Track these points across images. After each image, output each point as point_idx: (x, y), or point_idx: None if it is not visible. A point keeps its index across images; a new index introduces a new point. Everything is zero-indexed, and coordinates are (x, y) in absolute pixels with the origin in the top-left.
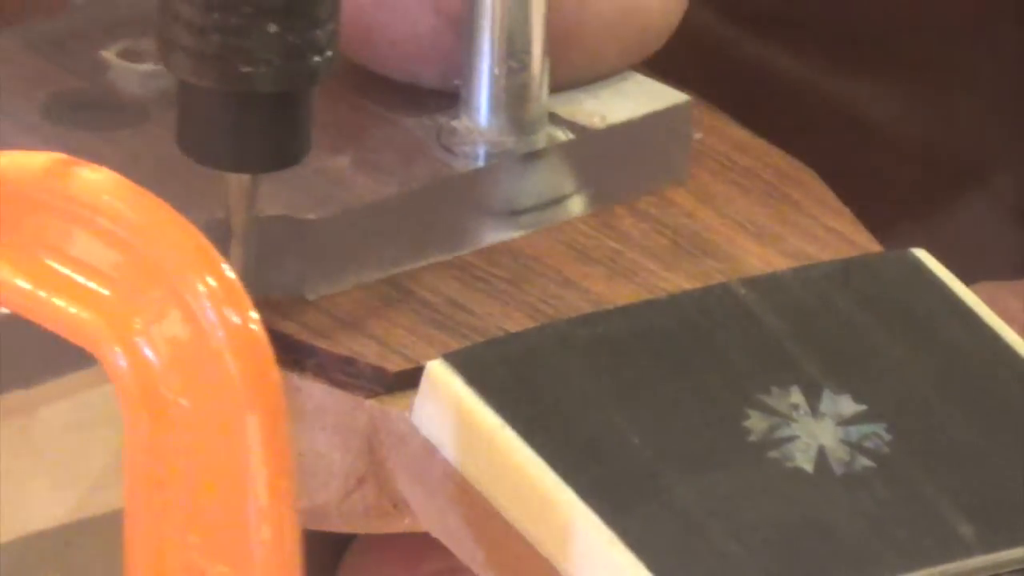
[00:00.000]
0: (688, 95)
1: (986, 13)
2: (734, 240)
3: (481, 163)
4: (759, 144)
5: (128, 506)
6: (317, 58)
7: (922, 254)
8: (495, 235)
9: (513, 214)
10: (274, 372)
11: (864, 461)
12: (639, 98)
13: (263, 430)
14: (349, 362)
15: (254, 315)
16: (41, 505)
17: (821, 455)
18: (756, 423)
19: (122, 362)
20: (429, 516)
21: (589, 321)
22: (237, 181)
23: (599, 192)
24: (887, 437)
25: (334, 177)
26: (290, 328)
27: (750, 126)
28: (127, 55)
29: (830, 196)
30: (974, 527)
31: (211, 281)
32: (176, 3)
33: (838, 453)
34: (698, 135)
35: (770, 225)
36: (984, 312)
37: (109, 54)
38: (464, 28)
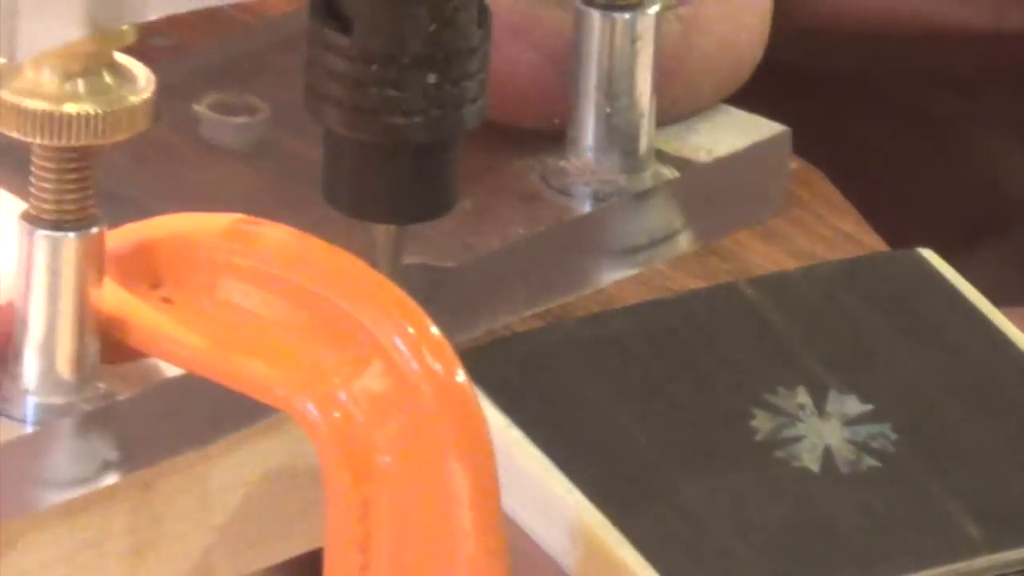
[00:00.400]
0: (784, 126)
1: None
2: (740, 240)
3: (597, 203)
4: None
5: (328, 564)
6: (469, 108)
7: (928, 254)
8: (611, 275)
9: (627, 253)
10: (481, 423)
11: (870, 461)
12: (738, 131)
13: (471, 485)
14: None
15: (459, 366)
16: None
17: (827, 455)
18: (762, 423)
19: (318, 418)
20: None
21: (596, 321)
22: (385, 232)
23: (706, 227)
24: (893, 437)
25: (461, 224)
26: None
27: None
28: (218, 108)
29: (837, 196)
30: (980, 527)
31: (411, 331)
32: (329, 56)
33: (844, 453)
34: (793, 165)
35: (777, 225)
36: (990, 311)
37: (201, 107)
38: (572, 66)
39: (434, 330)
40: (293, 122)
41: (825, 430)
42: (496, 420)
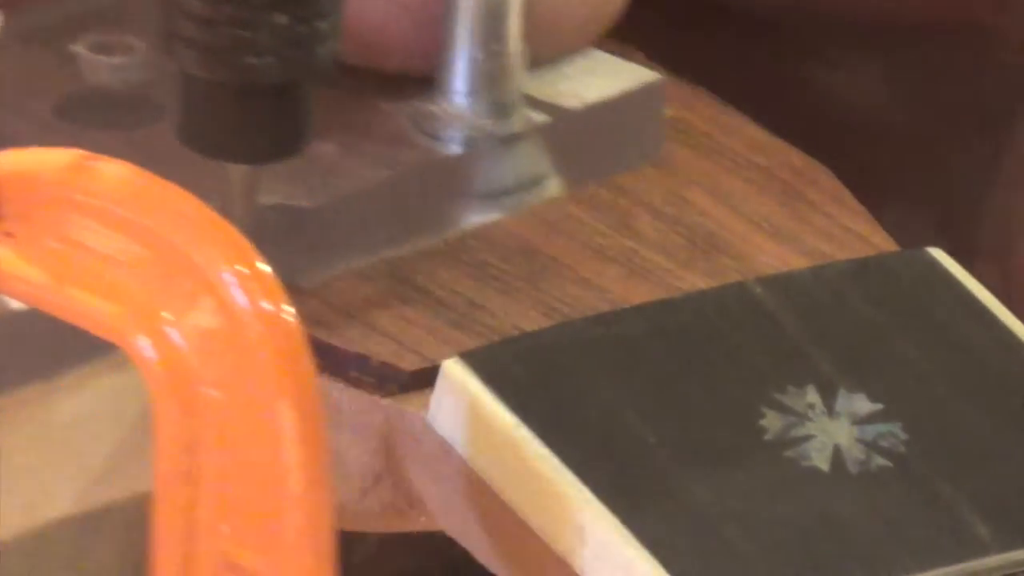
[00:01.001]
0: (658, 75)
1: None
2: (750, 239)
3: (465, 147)
4: (775, 143)
5: (158, 497)
6: (321, 48)
7: (938, 253)
8: (479, 217)
9: (495, 196)
10: (308, 360)
11: (880, 460)
12: (611, 77)
13: (297, 418)
14: (365, 361)
15: (287, 304)
16: (50, 497)
17: (837, 454)
18: (772, 422)
19: (150, 353)
20: (445, 514)
21: (605, 320)
22: (239, 172)
23: (578, 172)
24: (903, 436)
25: (323, 165)
26: (308, 327)
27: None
28: (96, 48)
29: (847, 195)
30: (990, 526)
31: (243, 270)
32: None
33: (854, 452)
34: (669, 112)
35: (786, 224)
36: (999, 311)
37: (79, 48)
38: (444, 13)
39: (264, 268)
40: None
41: (835, 429)
42: (505, 419)
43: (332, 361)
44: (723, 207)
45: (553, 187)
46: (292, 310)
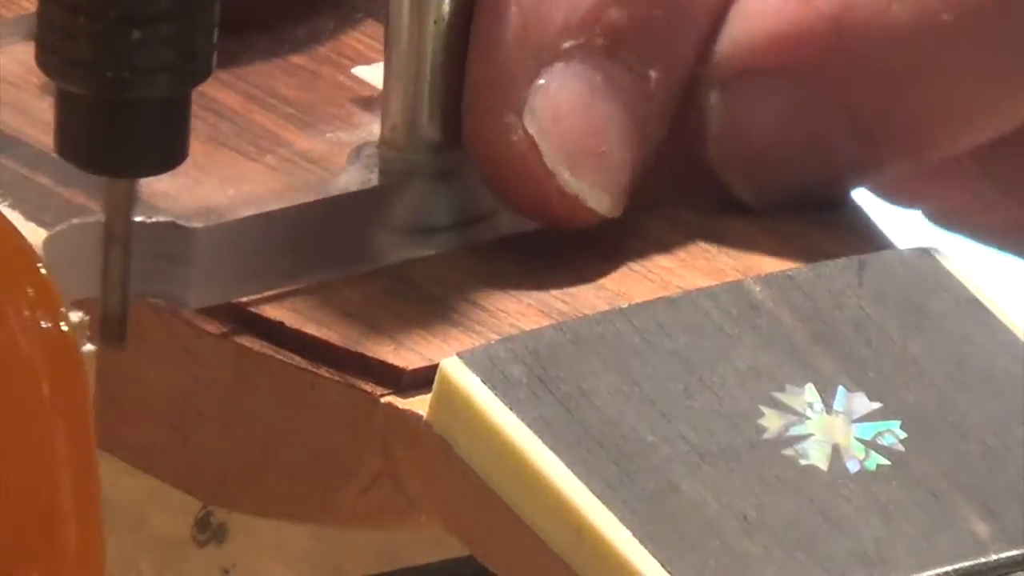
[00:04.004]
0: None
1: None
2: (749, 237)
3: (389, 179)
4: None
5: None
6: (192, 64)
7: (937, 251)
8: (400, 254)
9: (417, 233)
10: (82, 378)
11: (879, 459)
12: None
13: (68, 436)
14: (363, 360)
15: (64, 320)
16: None
17: (835, 453)
18: (771, 421)
19: None
20: (444, 514)
21: (604, 319)
22: (113, 185)
23: (510, 216)
24: (902, 435)
25: (239, 185)
26: (306, 325)
27: None
28: None
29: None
30: (989, 525)
31: (27, 289)
32: (48, 7)
33: (853, 451)
34: None
35: (786, 222)
36: (999, 310)
37: None
38: (384, 40)
39: (46, 280)
40: None
41: (833, 428)
42: (504, 418)
43: (330, 360)
44: (720, 204)
45: (486, 231)
46: (69, 324)
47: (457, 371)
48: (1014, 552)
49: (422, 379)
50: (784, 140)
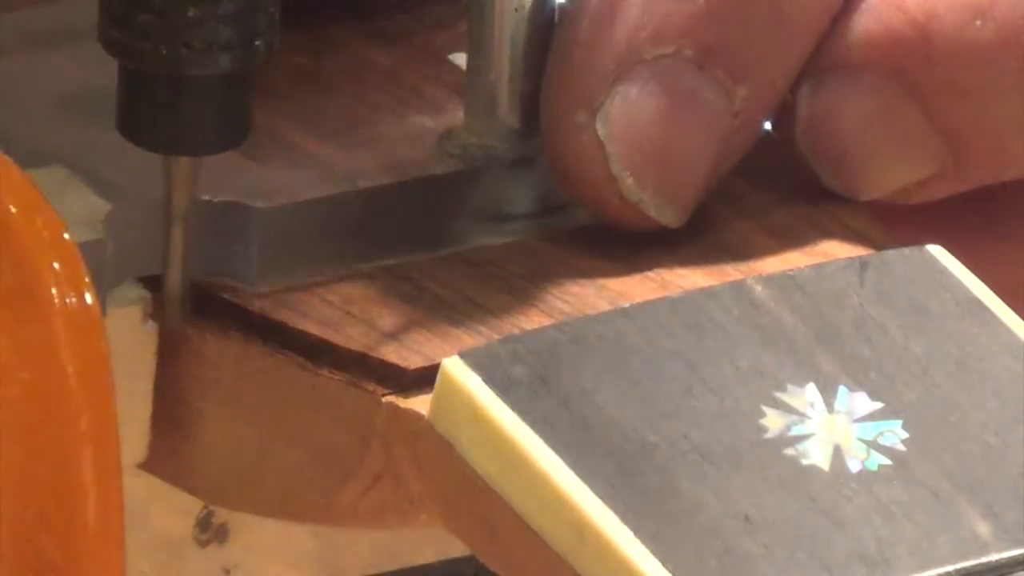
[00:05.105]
0: None
1: None
2: (750, 237)
3: (465, 165)
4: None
5: None
6: (257, 42)
7: (938, 251)
8: (473, 240)
9: (497, 220)
10: (105, 352)
11: (880, 459)
12: None
13: (90, 411)
14: (365, 359)
15: (89, 295)
16: None
17: (837, 453)
18: (772, 421)
19: None
20: (445, 514)
21: (606, 318)
22: (174, 163)
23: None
24: (903, 434)
25: (312, 167)
26: (307, 325)
27: None
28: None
29: None
30: (991, 525)
31: (55, 264)
32: None
33: (854, 451)
34: None
35: (787, 221)
36: (1000, 309)
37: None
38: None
39: (76, 256)
40: None
41: (835, 428)
42: (506, 418)
43: (332, 359)
44: (724, 205)
45: (560, 218)
46: (95, 301)
47: (459, 370)
48: (1015, 552)
49: (424, 379)
50: (868, 138)
